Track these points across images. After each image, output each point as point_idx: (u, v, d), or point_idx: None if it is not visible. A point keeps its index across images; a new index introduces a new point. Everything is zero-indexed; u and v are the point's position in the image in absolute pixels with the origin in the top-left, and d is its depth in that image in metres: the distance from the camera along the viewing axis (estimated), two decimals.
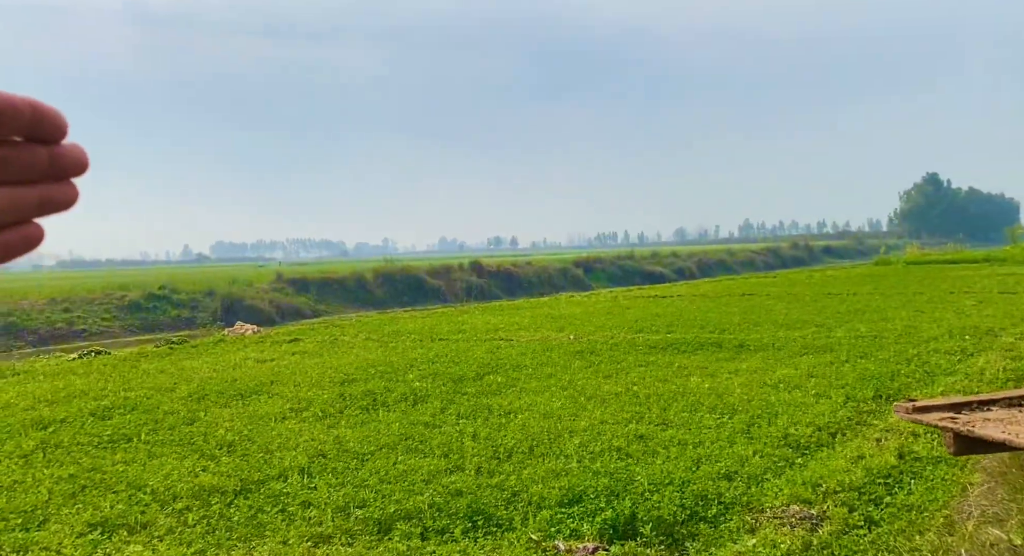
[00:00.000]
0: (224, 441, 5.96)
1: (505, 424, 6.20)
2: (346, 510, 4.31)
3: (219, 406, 7.47)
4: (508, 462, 5.14)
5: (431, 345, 11.77)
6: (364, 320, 19.56)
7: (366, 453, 5.49)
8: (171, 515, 4.27)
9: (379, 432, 6.09)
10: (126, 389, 8.59)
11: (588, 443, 5.54)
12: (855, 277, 27.01)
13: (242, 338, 14.88)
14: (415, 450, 5.55)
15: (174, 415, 7.03)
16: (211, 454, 5.61)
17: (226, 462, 5.36)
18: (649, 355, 9.79)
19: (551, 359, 9.66)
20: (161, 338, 18.41)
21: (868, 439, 5.48)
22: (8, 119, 0.37)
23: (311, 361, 10.53)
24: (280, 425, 6.53)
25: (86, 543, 3.82)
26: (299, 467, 5.14)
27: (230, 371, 9.87)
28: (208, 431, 6.34)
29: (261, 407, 7.32)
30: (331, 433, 6.11)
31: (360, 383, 8.35)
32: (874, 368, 8.04)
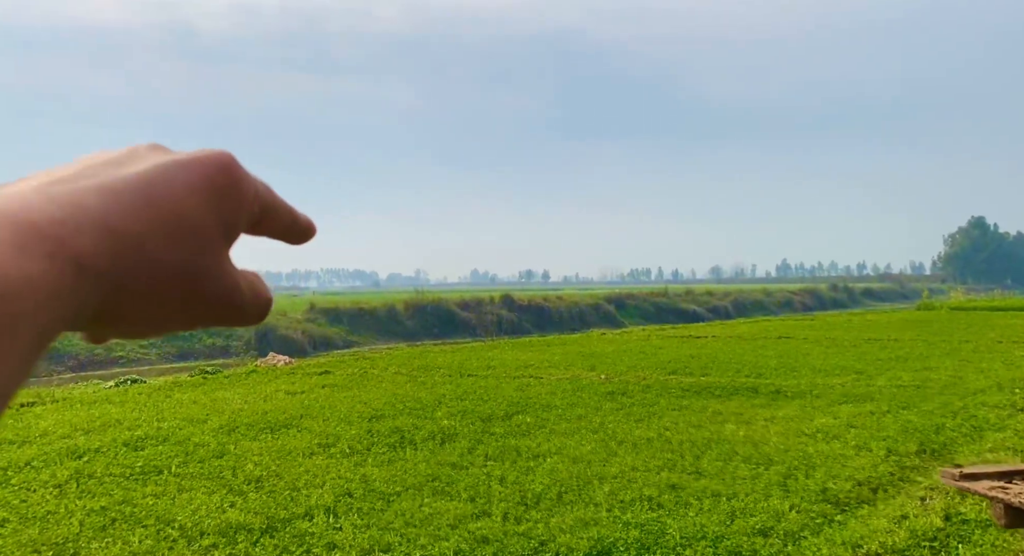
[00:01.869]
0: (252, 476, 5.97)
1: (533, 468, 6.11)
2: (371, 553, 4.26)
3: (249, 439, 7.50)
4: (536, 509, 5.04)
5: (460, 381, 11.73)
6: (394, 353, 19.63)
7: (392, 494, 5.44)
8: (198, 552, 4.26)
9: (406, 472, 6.04)
10: (159, 419, 8.70)
11: (618, 491, 5.41)
12: (897, 322, 26.32)
13: (274, 369, 15.03)
14: (442, 492, 5.48)
15: (204, 447, 7.07)
16: (239, 489, 5.62)
17: (253, 498, 5.35)
18: (683, 399, 9.60)
19: (581, 399, 9.54)
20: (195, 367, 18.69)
21: (912, 497, 5.26)
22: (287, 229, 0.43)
23: (341, 395, 10.55)
24: (308, 461, 6.52)
25: None
26: (325, 506, 5.11)
27: (261, 403, 9.94)
28: (237, 465, 6.36)
29: (290, 442, 7.34)
30: (358, 471, 6.08)
31: (388, 419, 8.33)
32: (917, 420, 7.76)
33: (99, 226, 0.29)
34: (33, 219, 0.27)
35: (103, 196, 0.30)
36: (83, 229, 0.28)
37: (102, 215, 0.29)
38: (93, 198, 0.29)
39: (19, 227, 0.27)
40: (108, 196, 0.30)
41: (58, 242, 0.27)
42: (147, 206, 0.31)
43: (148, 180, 0.32)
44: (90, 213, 0.29)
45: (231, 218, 0.35)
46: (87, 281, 0.28)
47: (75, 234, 0.28)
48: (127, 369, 22.98)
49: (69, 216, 0.28)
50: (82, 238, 0.28)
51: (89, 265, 0.28)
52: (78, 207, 0.29)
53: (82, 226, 0.28)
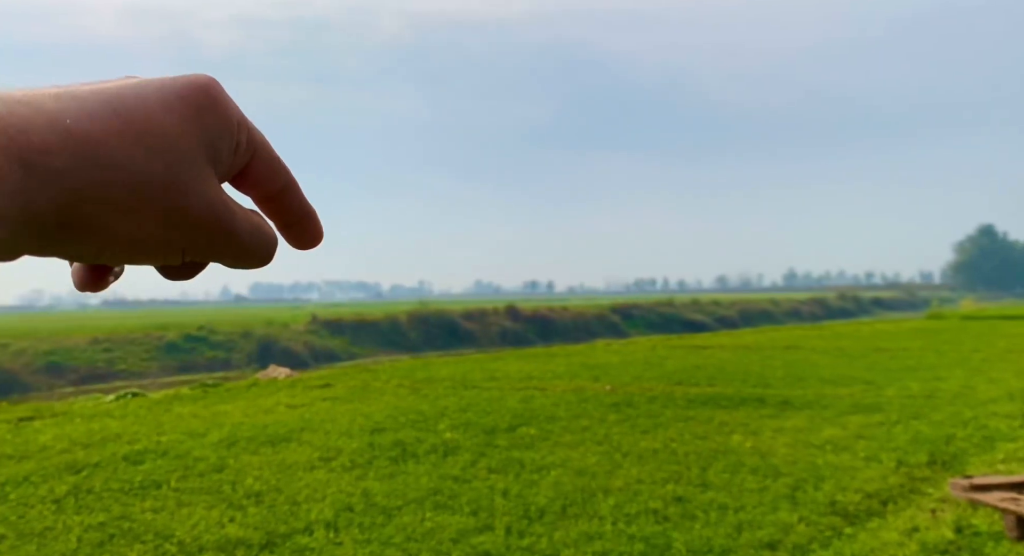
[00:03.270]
0: (252, 490, 5.89)
1: (537, 481, 6.02)
2: None
3: (249, 453, 7.43)
4: (539, 522, 4.95)
5: (463, 393, 11.64)
6: (396, 365, 19.55)
7: (393, 508, 5.35)
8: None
9: (407, 485, 5.96)
10: (159, 433, 8.63)
11: (623, 504, 5.32)
12: (906, 331, 26.15)
13: (275, 382, 14.96)
14: (444, 506, 5.39)
15: (204, 461, 7.00)
16: (239, 504, 5.54)
17: (253, 513, 5.27)
18: (688, 409, 9.50)
19: (586, 411, 9.44)
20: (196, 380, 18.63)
21: (922, 509, 5.15)
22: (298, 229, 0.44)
23: (342, 408, 10.47)
24: (308, 475, 6.44)
25: None
26: (325, 521, 5.03)
27: (261, 416, 9.87)
28: (237, 479, 6.28)
29: (290, 455, 7.26)
30: (359, 485, 6.00)
31: (390, 432, 8.24)
32: (928, 431, 7.65)
33: (53, 125, 0.28)
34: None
35: (62, 100, 0.29)
36: (33, 126, 0.27)
37: (58, 115, 0.28)
38: (51, 101, 0.28)
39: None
40: (68, 100, 0.29)
41: (1, 135, 0.26)
42: (113, 114, 0.29)
43: (117, 92, 0.30)
44: (44, 111, 0.28)
45: (214, 139, 0.32)
46: (34, 179, 0.27)
47: (22, 129, 0.27)
48: (128, 382, 22.92)
49: (18, 112, 0.27)
50: (30, 134, 0.27)
51: (37, 162, 0.27)
52: (30, 105, 0.28)
53: (32, 123, 0.27)
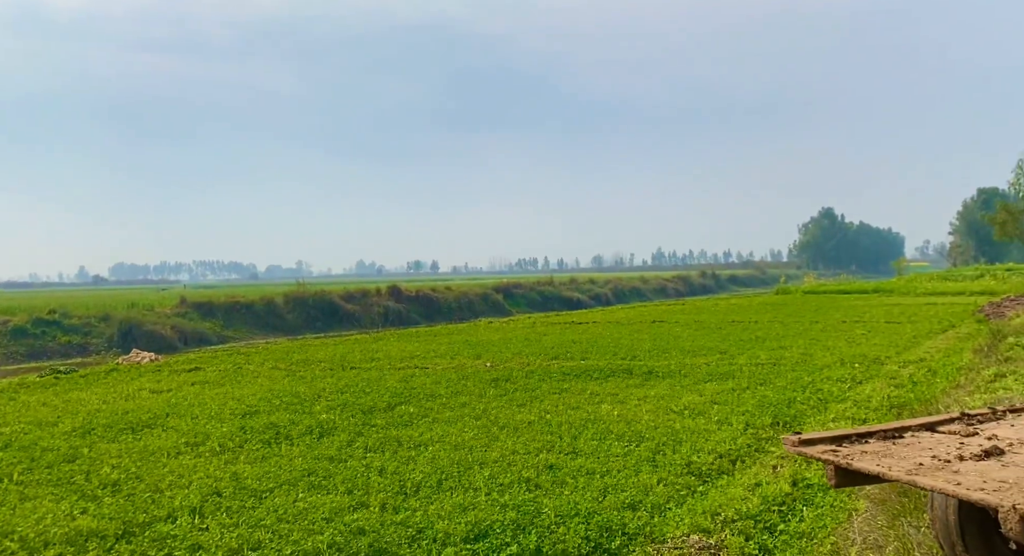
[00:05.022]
0: (108, 480, 5.55)
1: (415, 457, 6.08)
2: (239, 553, 4.08)
3: (106, 441, 6.98)
4: (415, 497, 5.02)
5: (342, 374, 11.46)
6: (272, 347, 18.87)
7: (264, 490, 5.23)
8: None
9: (280, 468, 5.83)
10: (1, 424, 7.91)
11: (498, 475, 5.49)
12: (757, 305, 28.31)
13: (137, 367, 14.02)
14: (318, 486, 5.33)
15: (54, 452, 6.50)
16: (92, 494, 5.21)
17: (109, 503, 4.98)
18: (563, 382, 9.88)
19: (466, 387, 9.58)
20: (47, 367, 17.09)
21: (765, 466, 5.69)
22: None
23: (212, 391, 10.02)
24: (173, 461, 6.15)
25: None
26: (190, 507, 4.84)
27: (122, 403, 9.27)
28: (91, 469, 5.90)
29: (153, 442, 6.89)
30: (228, 469, 5.80)
31: (263, 415, 8.00)
32: (772, 395, 8.40)
33: None
34: None
35: None
36: None
37: None
38: None
39: None
40: None
41: None
42: None
43: None
44: None
45: None
46: None
47: None
48: None
49: None
50: None
51: None
52: None
53: None
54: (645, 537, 4.26)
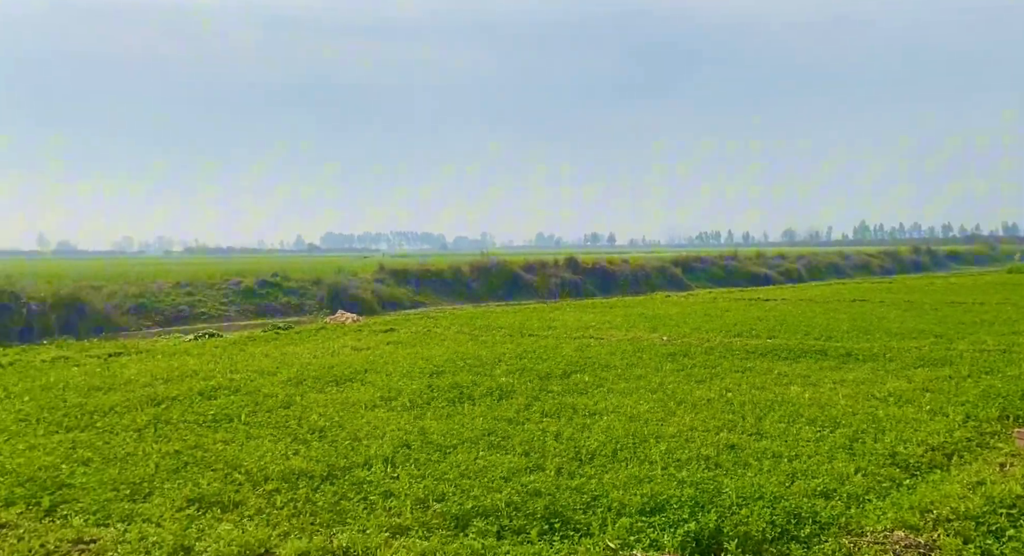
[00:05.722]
0: (316, 426, 6.18)
1: (589, 425, 6.08)
2: (425, 503, 4.34)
3: (315, 391, 7.76)
4: (590, 465, 5.03)
5: (521, 340, 11.78)
6: (457, 313, 19.89)
7: (448, 446, 5.52)
8: (261, 496, 4.45)
9: (463, 426, 6.13)
10: (232, 371, 9.10)
11: (675, 450, 5.34)
12: (984, 285, 24.83)
13: (342, 326, 15.48)
14: (497, 446, 5.53)
15: (273, 398, 7.36)
16: (303, 438, 5.83)
17: (316, 447, 5.54)
18: (747, 361, 9.36)
19: (641, 360, 9.42)
20: (270, 323, 19.43)
21: (990, 463, 4.98)
22: None
23: (404, 351, 10.77)
24: (369, 413, 6.69)
25: (183, 518, 4.04)
26: (384, 456, 5.24)
27: (328, 358, 10.27)
28: (302, 415, 6.59)
29: (353, 394, 7.55)
30: (417, 424, 6.21)
31: (448, 375, 8.45)
32: (1001, 386, 7.32)
33: None
34: None
35: None
36: None
37: None
38: None
39: None
40: None
41: None
42: None
43: None
44: None
45: None
46: None
47: None
48: (208, 324, 24.12)
49: None
50: None
51: None
52: None
53: None
54: (840, 528, 3.91)
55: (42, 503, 4.30)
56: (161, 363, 9.90)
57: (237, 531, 3.83)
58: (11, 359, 10.52)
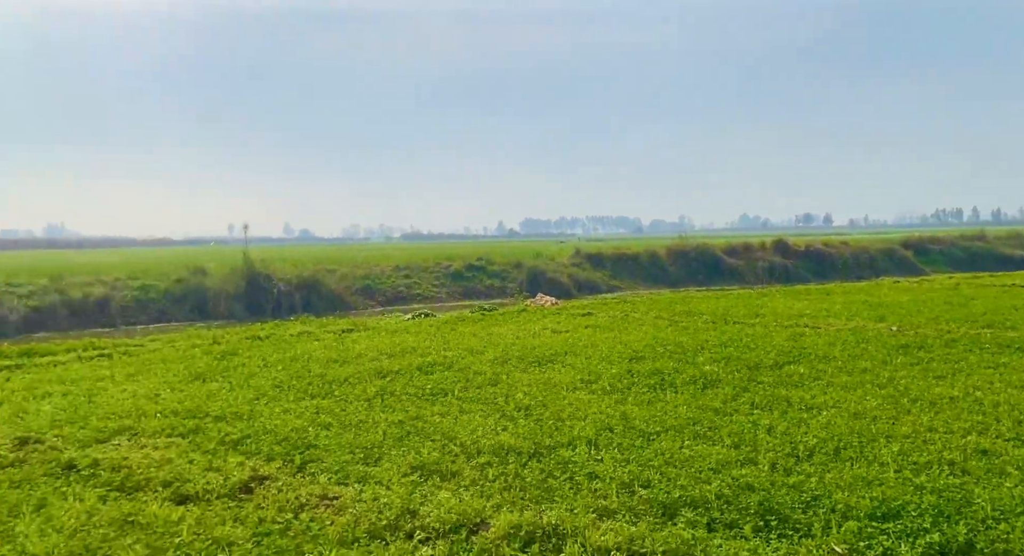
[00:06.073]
0: (522, 404, 6.41)
1: (807, 420, 5.65)
2: (630, 488, 4.32)
3: (519, 371, 8.06)
4: (808, 462, 4.67)
5: (724, 328, 11.26)
6: (655, 298, 19.52)
7: (652, 432, 5.44)
8: (475, 468, 4.71)
9: (666, 413, 6.00)
10: (445, 348, 9.75)
11: (910, 452, 4.78)
12: None
13: (541, 309, 15.91)
14: (703, 436, 5.34)
15: (482, 375, 7.76)
16: (510, 415, 6.08)
17: (522, 424, 5.75)
18: (1000, 356, 8.12)
19: (866, 352, 8.56)
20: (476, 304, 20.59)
21: None
22: None
23: (602, 335, 10.80)
24: (571, 395, 6.80)
25: (408, 483, 4.40)
26: (587, 438, 5.29)
27: (529, 339, 10.60)
28: (509, 393, 6.88)
29: (555, 376, 7.72)
30: (618, 408, 6.19)
31: (648, 361, 8.33)
32: None
33: None
34: None
35: None
36: None
37: None
38: None
39: None
40: None
41: None
42: None
43: None
44: None
45: None
46: None
47: None
48: (423, 305, 26.19)
49: None
50: None
51: None
52: None
53: None
54: None
55: (295, 460, 4.93)
56: (385, 339, 10.89)
57: (455, 500, 4.10)
58: (267, 332, 12.21)
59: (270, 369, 8.50)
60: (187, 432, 5.66)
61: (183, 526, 3.75)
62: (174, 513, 3.93)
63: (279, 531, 3.70)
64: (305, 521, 3.81)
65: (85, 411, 6.36)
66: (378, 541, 3.63)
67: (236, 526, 3.76)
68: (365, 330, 12.63)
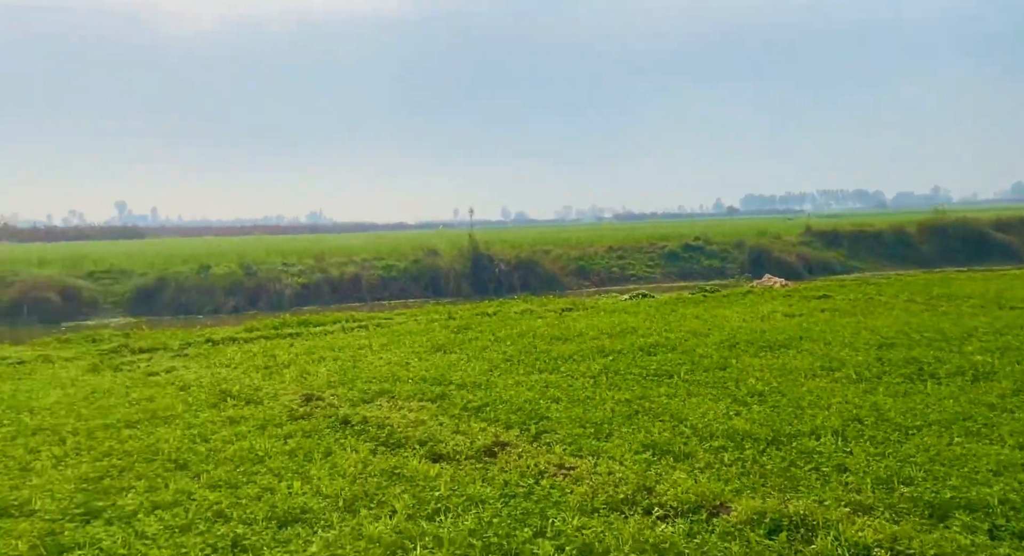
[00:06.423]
0: (755, 390, 6.12)
1: None
2: (888, 484, 3.94)
3: (749, 355, 7.69)
4: None
5: (998, 313, 9.74)
6: (905, 279, 17.45)
7: (911, 427, 4.90)
8: (709, 451, 4.60)
9: (927, 406, 5.36)
10: (667, 330, 9.60)
11: None
12: None
13: (770, 290, 14.99)
14: (977, 434, 4.70)
15: (708, 359, 7.53)
16: (743, 400, 5.83)
17: (757, 410, 5.49)
18: None
19: None
20: (695, 286, 19.95)
21: None
22: None
23: (842, 320, 9.91)
24: (810, 382, 6.35)
25: (641, 461, 4.43)
26: (832, 428, 4.91)
27: (759, 322, 10.06)
28: (739, 378, 6.60)
29: (790, 361, 7.25)
30: (867, 398, 5.66)
31: (902, 349, 7.49)
32: None
33: None
34: None
35: None
36: None
37: None
38: None
39: None
40: None
41: None
42: None
43: None
44: None
45: None
46: None
47: None
48: (637, 285, 26.01)
49: None
50: None
51: None
52: None
53: None
54: None
55: (530, 429, 5.20)
56: (604, 319, 11.01)
57: (691, 480, 4.04)
58: (494, 310, 12.97)
59: (500, 343, 9.02)
60: (435, 397, 6.23)
61: (440, 481, 4.14)
62: (432, 469, 4.36)
63: (523, 494, 3.94)
64: (546, 487, 4.01)
65: (352, 375, 7.27)
66: (617, 513, 3.71)
67: (485, 486, 4.07)
68: (584, 309, 12.86)
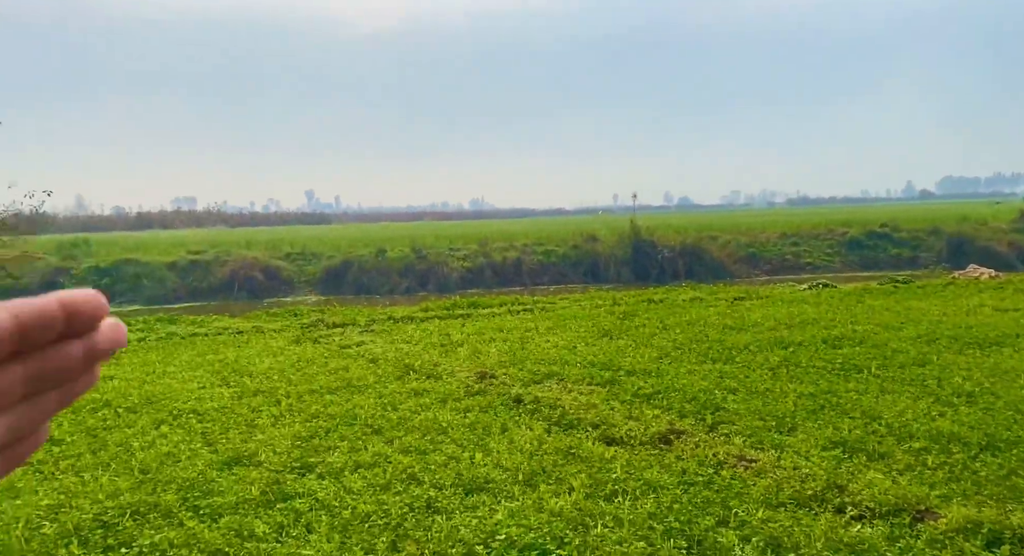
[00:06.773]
0: (961, 390, 5.54)
1: None
2: None
3: (952, 352, 6.96)
4: None
5: None
6: None
7: None
8: (908, 452, 4.24)
9: None
10: (853, 322, 8.92)
11: None
12: None
13: (976, 282, 13.40)
14: None
15: (903, 354, 6.91)
16: (947, 400, 5.30)
17: (965, 412, 4.97)
18: None
19: None
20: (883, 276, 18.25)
21: None
22: (39, 333, 0.34)
23: None
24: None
25: (829, 458, 4.18)
26: None
27: (963, 317, 9.05)
28: (942, 376, 6.00)
29: (1004, 360, 6.47)
30: None
31: None
32: None
33: None
34: None
35: None
36: None
37: None
38: None
39: None
40: None
41: None
42: None
43: None
44: None
45: None
46: None
47: None
48: (815, 275, 24.28)
49: None
50: None
51: None
52: None
53: None
54: None
55: (706, 420, 5.09)
56: (782, 309, 10.43)
57: (888, 481, 3.76)
58: (660, 297, 12.75)
59: (669, 331, 8.87)
60: (604, 382, 6.27)
61: (616, 464, 4.19)
62: (607, 452, 4.42)
63: (703, 483, 3.88)
64: (727, 478, 3.92)
65: (521, 355, 7.51)
66: (805, 509, 3.55)
67: (662, 472, 4.06)
68: (758, 298, 12.26)
